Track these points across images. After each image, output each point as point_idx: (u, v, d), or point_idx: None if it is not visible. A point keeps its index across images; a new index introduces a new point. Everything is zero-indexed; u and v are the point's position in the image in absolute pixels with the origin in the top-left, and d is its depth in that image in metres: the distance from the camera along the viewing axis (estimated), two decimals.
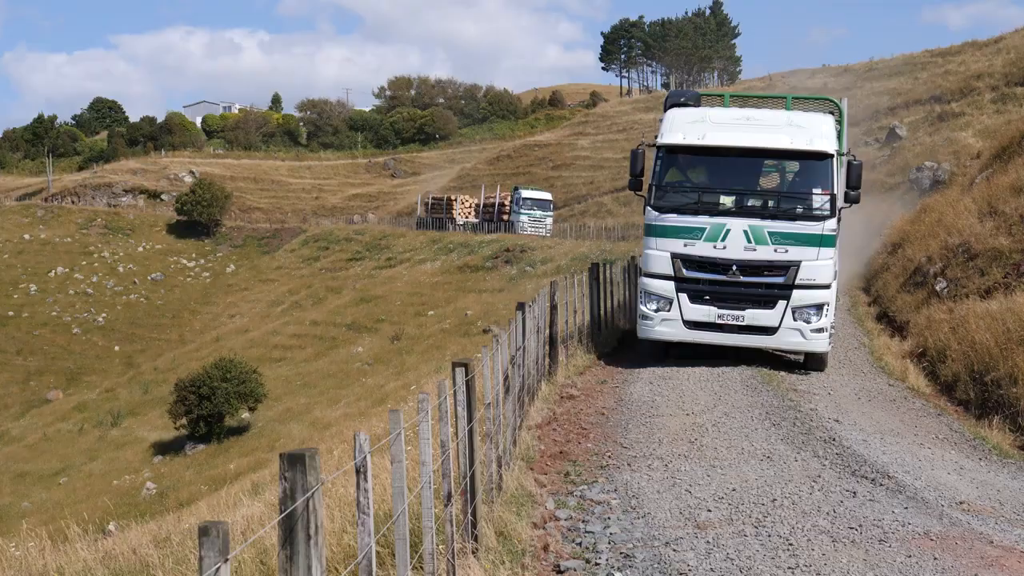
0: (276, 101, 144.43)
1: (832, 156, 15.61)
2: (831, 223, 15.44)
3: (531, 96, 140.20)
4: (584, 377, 16.01)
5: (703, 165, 16.56)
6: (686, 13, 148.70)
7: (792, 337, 15.49)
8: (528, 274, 51.13)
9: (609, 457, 10.60)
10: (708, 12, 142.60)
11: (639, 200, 16.90)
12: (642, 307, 16.11)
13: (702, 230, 15.56)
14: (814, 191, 15.64)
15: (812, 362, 16.19)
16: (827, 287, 15.52)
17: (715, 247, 15.48)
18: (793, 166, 16.64)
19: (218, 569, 3.04)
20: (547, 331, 15.42)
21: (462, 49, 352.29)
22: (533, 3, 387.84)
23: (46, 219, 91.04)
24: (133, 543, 10.80)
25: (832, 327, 15.94)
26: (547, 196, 70.74)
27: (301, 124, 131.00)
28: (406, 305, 56.03)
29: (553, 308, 15.92)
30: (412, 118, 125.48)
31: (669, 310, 15.76)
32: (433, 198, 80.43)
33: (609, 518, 8.59)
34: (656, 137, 16.63)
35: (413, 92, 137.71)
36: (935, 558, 7.43)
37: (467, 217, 75.78)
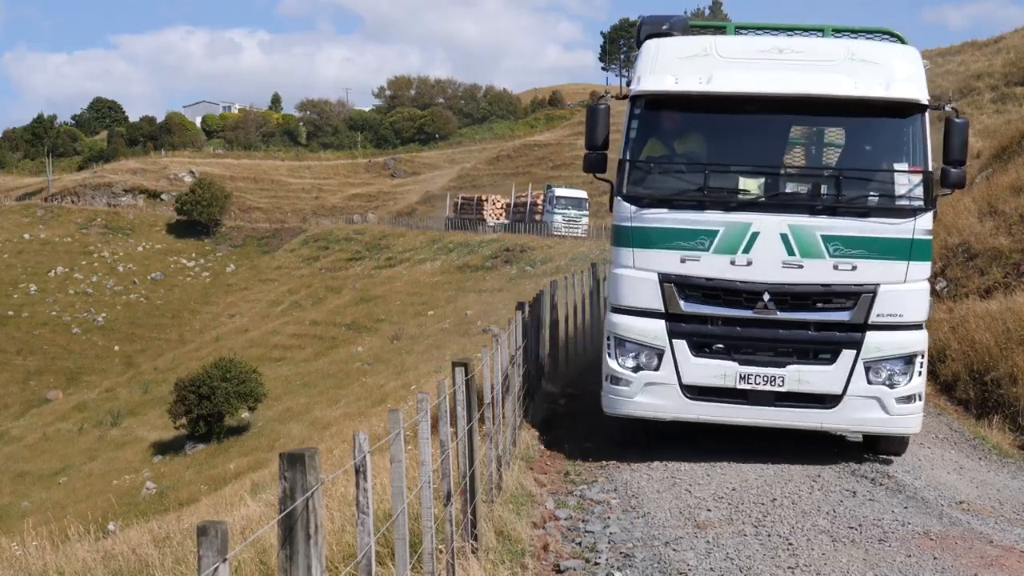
0: (276, 101, 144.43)
1: (926, 108, 10.00)
2: (925, 221, 9.84)
3: (531, 96, 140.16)
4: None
5: (708, 128, 10.74)
6: (685, 13, 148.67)
7: (865, 411, 9.87)
8: (528, 274, 51.09)
9: None
10: (708, 12, 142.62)
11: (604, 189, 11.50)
12: (610, 364, 10.21)
13: (711, 235, 9.85)
14: (896, 167, 10.14)
15: (887, 443, 10.55)
16: (919, 327, 10.02)
17: (734, 263, 9.78)
18: (859, 127, 10.61)
19: (216, 569, 3.04)
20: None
21: (462, 49, 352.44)
22: (533, 3, 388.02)
23: (46, 219, 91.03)
24: (133, 543, 10.80)
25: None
26: (582, 195, 65.83)
27: (301, 124, 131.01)
28: (406, 305, 56.02)
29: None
30: (412, 118, 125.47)
31: (657, 368, 10.02)
32: (463, 198, 77.56)
33: (609, 518, 8.60)
34: (628, 85, 10.92)
35: (413, 92, 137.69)
36: (935, 558, 7.43)
37: (498, 218, 72.36)
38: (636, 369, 10.15)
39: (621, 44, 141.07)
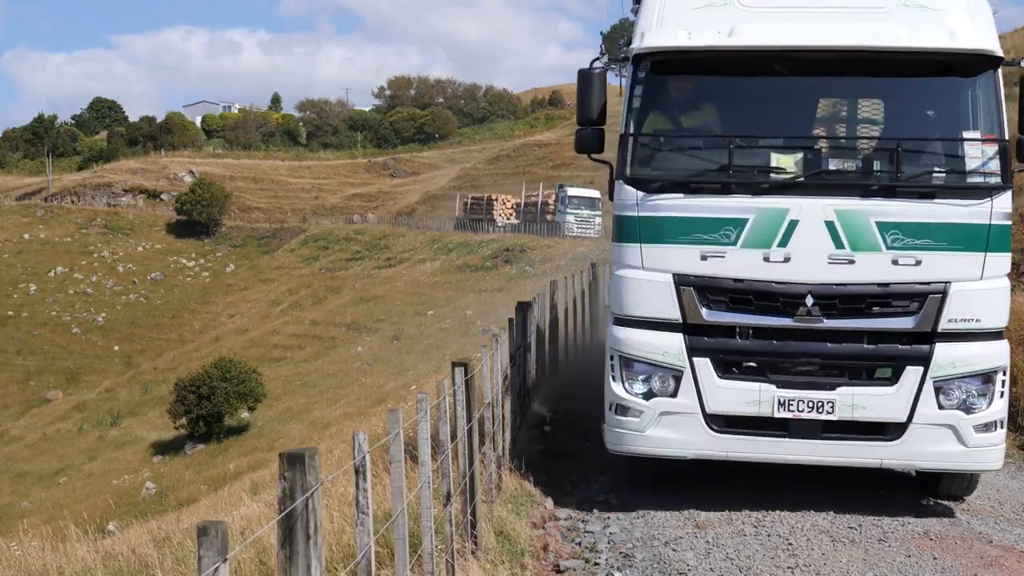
0: (276, 101, 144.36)
1: (999, 62, 8.30)
2: (1004, 201, 8.15)
3: (531, 96, 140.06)
4: None
5: (730, 93, 8.94)
6: None
7: (936, 443, 8.13)
8: (528, 274, 51.11)
9: None
10: None
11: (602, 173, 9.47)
12: (615, 389, 8.51)
13: (739, 225, 8.17)
14: (966, 136, 8.40)
15: (954, 482, 8.87)
16: (998, 335, 8.33)
17: (768, 259, 8.11)
18: (917, 88, 8.71)
19: (216, 569, 3.04)
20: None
21: (462, 49, 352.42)
22: (533, 3, 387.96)
23: (46, 219, 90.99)
24: (133, 543, 10.79)
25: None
26: (595, 194, 62.58)
27: (301, 124, 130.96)
28: (406, 305, 56.02)
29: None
30: (412, 118, 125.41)
31: (674, 394, 8.33)
32: (472, 198, 76.35)
33: (608, 517, 8.59)
34: (629, 44, 8.97)
35: (413, 92, 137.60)
36: (935, 558, 7.43)
37: (508, 218, 71.20)
38: (648, 396, 8.35)
39: (621, 44, 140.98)
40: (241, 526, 9.27)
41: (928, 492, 9.05)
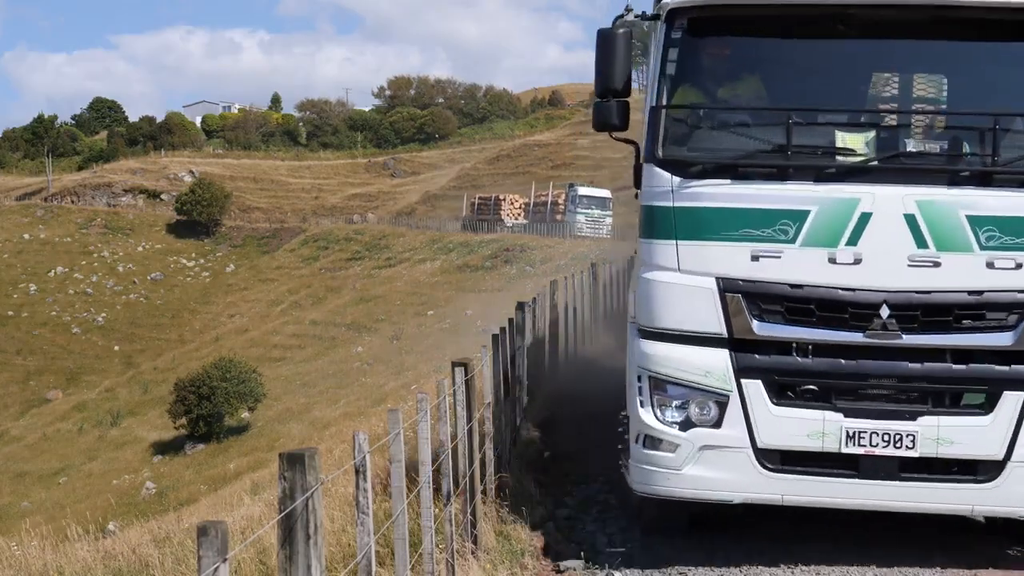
0: (276, 101, 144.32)
1: None
2: None
3: (531, 96, 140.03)
4: None
5: (784, 57, 7.51)
6: None
7: None
8: (528, 274, 51.10)
9: None
10: None
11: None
12: (644, 417, 7.18)
13: (799, 218, 6.86)
14: None
15: None
16: None
17: (834, 260, 6.83)
18: (1017, 55, 7.24)
19: (216, 569, 3.04)
20: None
21: (462, 49, 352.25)
22: (533, 3, 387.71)
23: (46, 219, 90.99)
24: (133, 543, 10.79)
25: None
26: (606, 194, 62.59)
27: (301, 124, 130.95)
28: (406, 305, 56.03)
29: None
30: (412, 118, 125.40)
31: (718, 423, 7.01)
32: (480, 198, 75.70)
33: (608, 517, 8.60)
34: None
35: (413, 92, 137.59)
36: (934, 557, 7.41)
37: (516, 218, 70.42)
38: (685, 425, 6.98)
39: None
40: (241, 526, 9.28)
41: (1019, 543, 7.51)
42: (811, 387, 6.93)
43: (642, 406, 7.15)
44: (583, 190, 64.81)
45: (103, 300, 77.31)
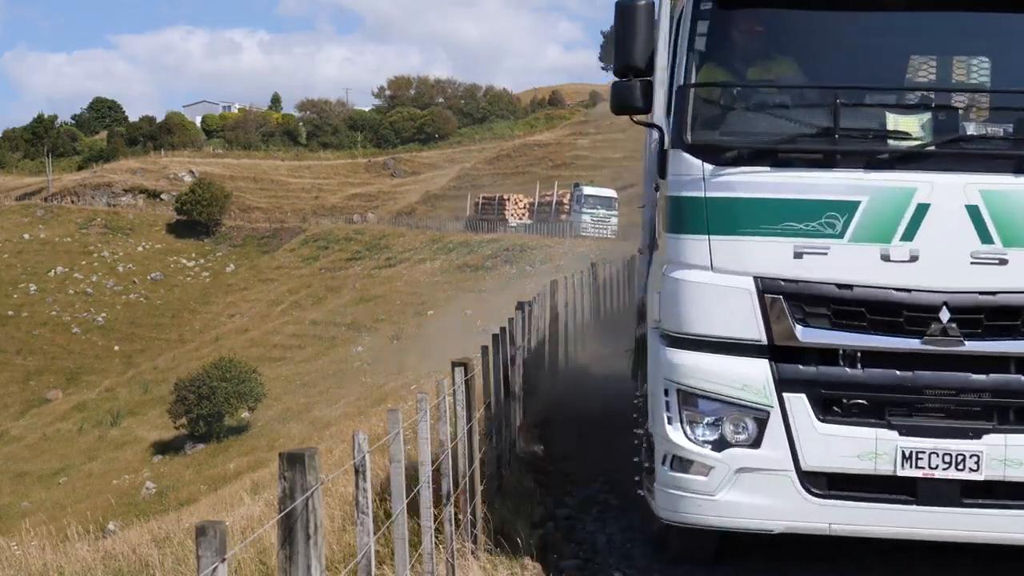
0: (276, 101, 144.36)
1: None
2: None
3: (531, 96, 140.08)
4: None
5: (827, 30, 6.77)
6: None
7: None
8: (528, 274, 51.12)
9: None
10: None
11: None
12: (672, 435, 6.43)
13: (847, 210, 6.12)
14: None
15: None
16: None
17: (888, 257, 6.10)
18: None
19: (215, 569, 3.04)
20: None
21: (462, 49, 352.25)
22: (533, 3, 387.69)
23: (46, 219, 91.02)
24: (133, 543, 10.79)
25: None
26: (612, 193, 61.99)
27: (301, 124, 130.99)
28: (406, 305, 56.04)
29: None
30: (412, 118, 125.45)
31: (756, 443, 6.26)
32: (484, 198, 75.09)
33: (608, 517, 8.60)
34: None
35: (413, 92, 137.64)
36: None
37: (520, 218, 69.93)
38: (719, 445, 6.24)
39: None
40: (241, 526, 9.28)
41: None
42: (862, 401, 6.16)
43: (670, 423, 6.37)
44: (588, 190, 64.42)
45: (103, 300, 77.33)
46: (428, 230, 76.61)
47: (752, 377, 6.18)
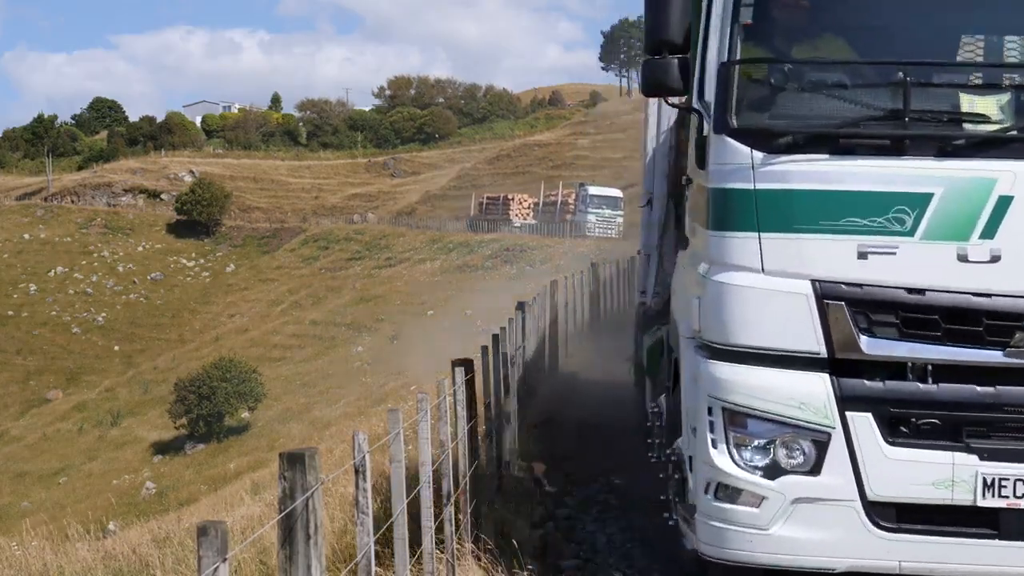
0: (276, 101, 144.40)
1: None
2: None
3: (531, 96, 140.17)
4: None
5: (871, 5, 6.15)
6: None
7: None
8: (528, 274, 51.14)
9: None
10: None
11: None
12: (718, 460, 5.63)
13: (918, 203, 5.38)
14: None
15: None
16: None
17: (965, 257, 5.37)
18: None
19: (216, 569, 3.04)
20: None
21: (462, 49, 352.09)
22: (533, 3, 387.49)
23: (46, 219, 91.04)
24: (133, 543, 10.80)
25: None
26: (617, 193, 61.52)
27: (301, 124, 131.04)
28: (406, 305, 56.05)
29: None
30: (412, 118, 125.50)
31: (816, 469, 5.50)
32: (488, 198, 74.77)
33: (608, 517, 8.61)
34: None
35: (413, 92, 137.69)
36: None
37: (525, 218, 69.55)
38: (772, 471, 5.49)
39: (621, 44, 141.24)
40: (241, 526, 9.29)
41: None
42: (936, 421, 5.41)
43: (714, 446, 5.60)
44: (594, 190, 64.18)
45: (103, 300, 77.34)
46: (428, 230, 76.63)
47: (811, 394, 5.45)
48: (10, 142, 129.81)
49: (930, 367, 5.41)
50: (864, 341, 5.42)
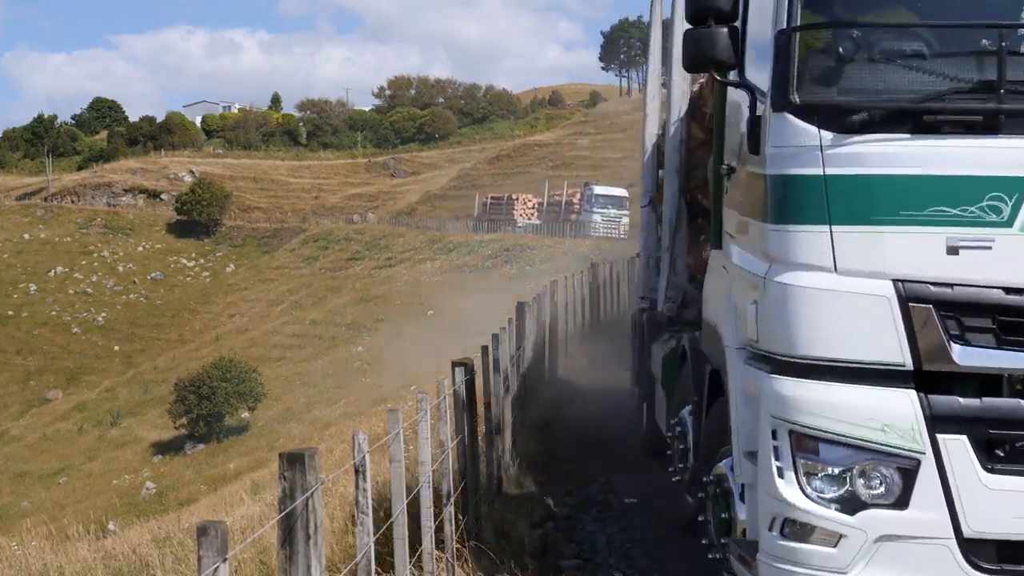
0: (276, 101, 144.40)
1: None
2: None
3: (531, 96, 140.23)
4: None
5: None
6: None
7: None
8: (528, 274, 51.13)
9: None
10: None
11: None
12: (785, 491, 4.78)
13: (1015, 188, 4.56)
14: None
15: None
16: None
17: None
18: None
19: (216, 569, 3.04)
20: None
21: (462, 49, 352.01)
22: (533, 3, 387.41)
23: (46, 219, 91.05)
24: (133, 543, 10.80)
25: None
26: (623, 192, 61.15)
27: (301, 124, 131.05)
28: (406, 305, 56.05)
29: None
30: (412, 118, 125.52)
31: (903, 502, 4.66)
32: (492, 198, 74.43)
33: (608, 517, 8.61)
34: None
35: (413, 92, 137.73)
36: None
37: (529, 218, 69.06)
38: (851, 505, 4.72)
39: (621, 44, 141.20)
40: (241, 526, 9.29)
41: None
42: None
43: (780, 475, 4.81)
44: (599, 189, 63.95)
45: (103, 300, 77.35)
46: (428, 230, 76.62)
47: (895, 413, 4.66)
48: (10, 142, 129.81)
49: None
50: (956, 350, 4.66)
